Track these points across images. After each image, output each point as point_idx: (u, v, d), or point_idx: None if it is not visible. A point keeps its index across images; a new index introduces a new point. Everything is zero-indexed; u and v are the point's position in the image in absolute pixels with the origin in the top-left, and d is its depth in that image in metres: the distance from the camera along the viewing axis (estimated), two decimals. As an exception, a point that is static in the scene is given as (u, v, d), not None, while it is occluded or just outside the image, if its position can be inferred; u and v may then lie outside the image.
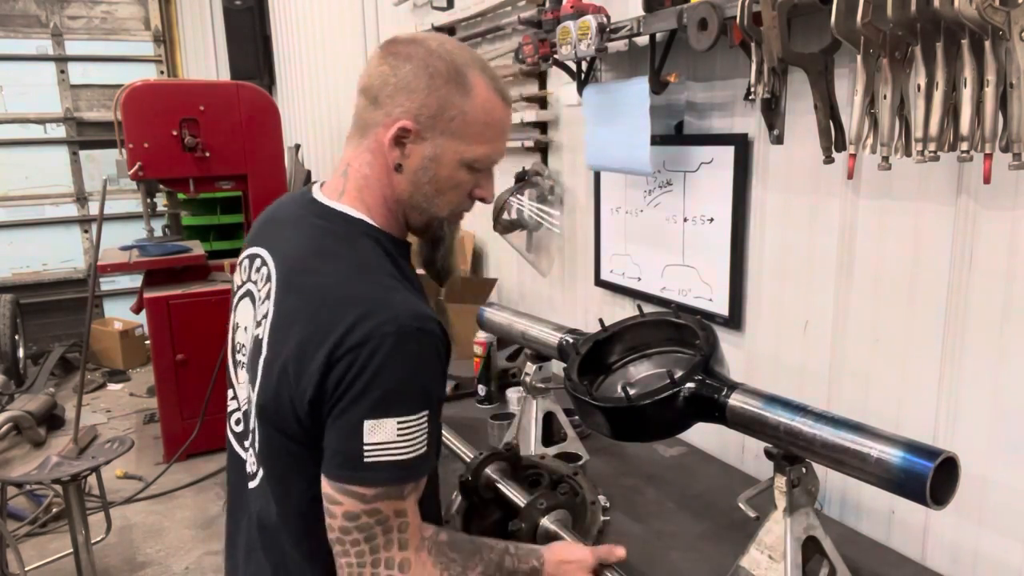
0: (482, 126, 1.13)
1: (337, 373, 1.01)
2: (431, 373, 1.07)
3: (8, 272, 6.86)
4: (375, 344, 1.00)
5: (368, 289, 1.06)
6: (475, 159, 1.15)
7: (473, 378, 2.50)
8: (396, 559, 1.06)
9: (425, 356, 1.05)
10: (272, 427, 1.12)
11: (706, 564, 1.52)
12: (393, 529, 1.06)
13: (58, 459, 3.13)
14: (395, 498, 1.05)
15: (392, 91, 1.11)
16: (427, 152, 1.12)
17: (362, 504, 1.03)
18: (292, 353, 1.05)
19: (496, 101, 1.15)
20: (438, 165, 1.13)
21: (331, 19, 5.30)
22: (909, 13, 1.16)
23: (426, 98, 1.10)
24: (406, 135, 1.11)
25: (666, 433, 1.72)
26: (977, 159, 1.17)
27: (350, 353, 1.00)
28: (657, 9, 1.82)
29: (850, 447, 1.15)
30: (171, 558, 3.50)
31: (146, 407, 5.38)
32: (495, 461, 1.56)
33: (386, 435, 1.01)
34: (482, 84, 1.13)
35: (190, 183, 4.32)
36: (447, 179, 1.15)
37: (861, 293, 1.64)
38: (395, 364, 1.01)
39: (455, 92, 1.10)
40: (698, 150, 2.00)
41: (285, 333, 1.08)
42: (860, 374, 1.66)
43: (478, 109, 1.12)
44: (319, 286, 1.08)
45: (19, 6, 6.80)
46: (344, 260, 1.11)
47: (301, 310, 1.07)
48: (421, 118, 1.10)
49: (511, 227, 2.75)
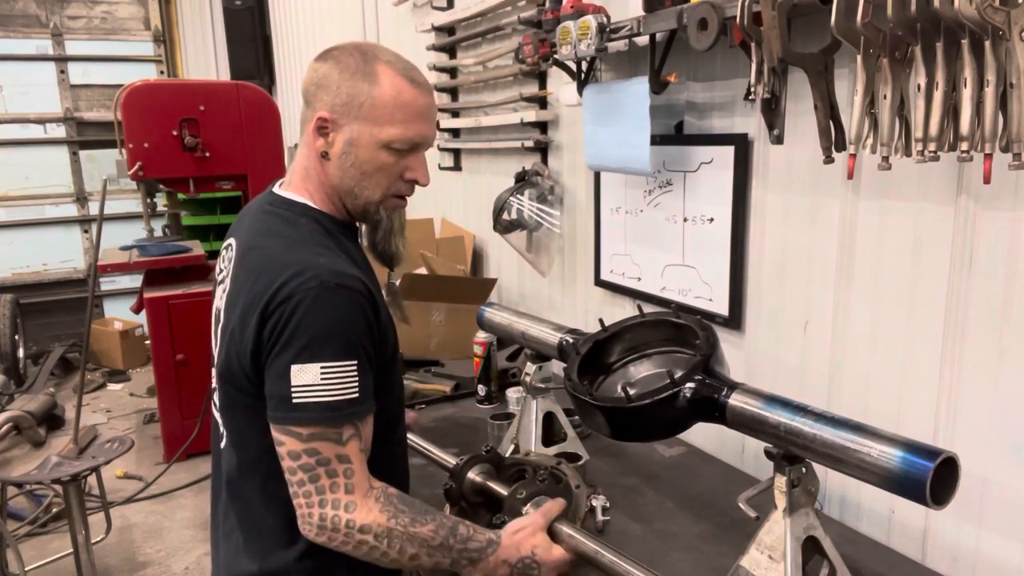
0: (391, 108, 1.24)
1: (269, 325, 1.15)
2: (353, 324, 1.18)
3: (8, 272, 6.87)
4: (299, 297, 1.14)
5: (299, 256, 1.20)
6: (390, 139, 1.25)
7: (473, 378, 2.50)
8: (342, 500, 1.16)
9: (346, 307, 1.17)
10: (229, 385, 1.26)
11: (706, 564, 1.52)
12: (338, 474, 1.16)
13: (58, 459, 3.13)
14: (332, 441, 1.15)
15: (315, 89, 1.27)
16: (345, 137, 1.26)
17: (300, 443, 1.15)
18: (238, 315, 1.21)
19: (404, 85, 1.25)
20: (357, 148, 1.26)
21: (331, 19, 5.30)
22: (909, 13, 1.16)
23: (338, 90, 1.24)
24: (326, 124, 1.26)
25: (666, 433, 1.72)
26: (977, 159, 1.17)
27: (280, 307, 1.15)
28: (657, 9, 1.82)
29: (850, 447, 1.15)
30: (171, 558, 3.50)
31: (146, 407, 5.38)
32: (477, 464, 1.55)
33: (311, 378, 1.13)
34: (388, 72, 1.25)
35: (190, 183, 4.32)
36: (368, 161, 1.27)
37: (861, 293, 1.64)
38: (317, 314, 1.14)
39: (362, 81, 1.24)
40: (698, 150, 2.00)
41: (235, 300, 1.24)
42: (860, 374, 1.66)
43: (386, 93, 1.24)
44: (261, 258, 1.24)
45: (19, 6, 6.80)
46: (283, 236, 1.26)
47: (246, 279, 1.23)
48: (336, 108, 1.25)
49: (511, 227, 2.75)
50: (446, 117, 3.50)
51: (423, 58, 3.63)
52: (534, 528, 1.33)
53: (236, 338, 1.21)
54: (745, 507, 1.29)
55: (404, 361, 2.79)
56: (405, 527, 1.20)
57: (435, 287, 2.98)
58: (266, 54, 7.06)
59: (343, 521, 1.16)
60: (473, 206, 3.53)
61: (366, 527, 1.17)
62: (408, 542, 1.20)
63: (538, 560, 1.30)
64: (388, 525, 1.18)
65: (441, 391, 2.60)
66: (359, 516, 1.17)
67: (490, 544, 1.28)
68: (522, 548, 1.30)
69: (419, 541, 1.21)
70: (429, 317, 2.96)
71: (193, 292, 4.23)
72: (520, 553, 1.29)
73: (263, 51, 7.02)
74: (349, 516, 1.16)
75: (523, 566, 1.29)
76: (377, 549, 1.18)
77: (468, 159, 3.53)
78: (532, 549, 1.30)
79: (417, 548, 1.21)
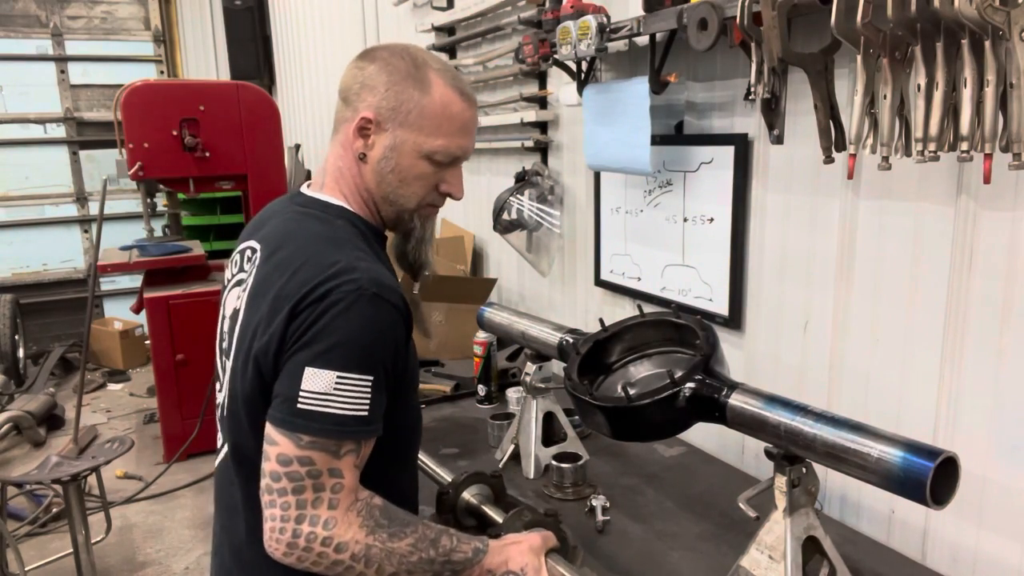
0: (439, 119, 1.21)
1: (296, 323, 1.09)
2: (381, 339, 1.11)
3: (8, 272, 6.87)
4: (333, 299, 1.08)
5: (337, 255, 1.13)
6: (433, 150, 1.22)
7: (473, 378, 2.50)
8: (322, 517, 1.08)
9: (378, 320, 1.11)
10: (240, 387, 1.16)
11: (706, 564, 1.52)
12: (325, 488, 1.08)
13: (58, 459, 3.13)
14: (329, 453, 1.08)
15: (359, 89, 1.22)
16: (387, 142, 1.21)
17: (296, 449, 1.07)
18: (265, 312, 1.13)
19: (453, 97, 1.22)
20: (399, 155, 1.22)
21: (331, 19, 5.30)
22: (909, 13, 1.16)
23: (386, 93, 1.19)
24: (368, 126, 1.21)
25: (666, 433, 1.72)
26: (977, 159, 1.17)
27: (310, 306, 1.08)
28: (657, 9, 1.82)
29: (850, 447, 1.15)
30: (171, 558, 3.50)
31: (146, 407, 5.38)
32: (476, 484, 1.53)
33: (323, 385, 1.06)
34: (439, 81, 1.21)
35: (190, 183, 4.32)
36: (408, 168, 1.23)
37: (861, 293, 1.64)
38: (346, 320, 1.08)
39: (413, 87, 1.19)
40: (698, 150, 2.00)
41: (262, 298, 1.15)
42: (860, 374, 1.66)
43: (435, 103, 1.20)
44: (297, 255, 1.16)
45: (19, 6, 6.80)
46: (319, 234, 1.19)
47: (279, 276, 1.15)
48: (382, 111, 1.20)
49: (511, 227, 2.75)
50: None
51: (423, 58, 3.64)
52: (530, 546, 1.26)
53: (259, 337, 1.13)
54: (745, 507, 1.29)
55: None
56: (383, 543, 1.12)
57: (435, 287, 2.98)
58: (266, 54, 7.06)
59: (319, 538, 1.07)
60: (473, 206, 3.53)
61: (343, 545, 1.09)
62: (386, 559, 1.12)
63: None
64: (366, 542, 1.10)
65: (441, 391, 2.60)
66: (337, 533, 1.08)
67: (476, 553, 1.21)
68: (512, 562, 1.23)
69: (398, 558, 1.13)
70: (429, 317, 2.96)
71: (193, 292, 4.23)
72: (509, 567, 1.23)
73: (263, 51, 7.02)
74: (327, 533, 1.08)
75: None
76: (353, 570, 1.10)
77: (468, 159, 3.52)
78: (522, 567, 1.23)
79: (396, 566, 1.13)
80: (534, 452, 1.89)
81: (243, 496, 1.21)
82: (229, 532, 1.28)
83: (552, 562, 1.29)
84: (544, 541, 1.30)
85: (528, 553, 1.25)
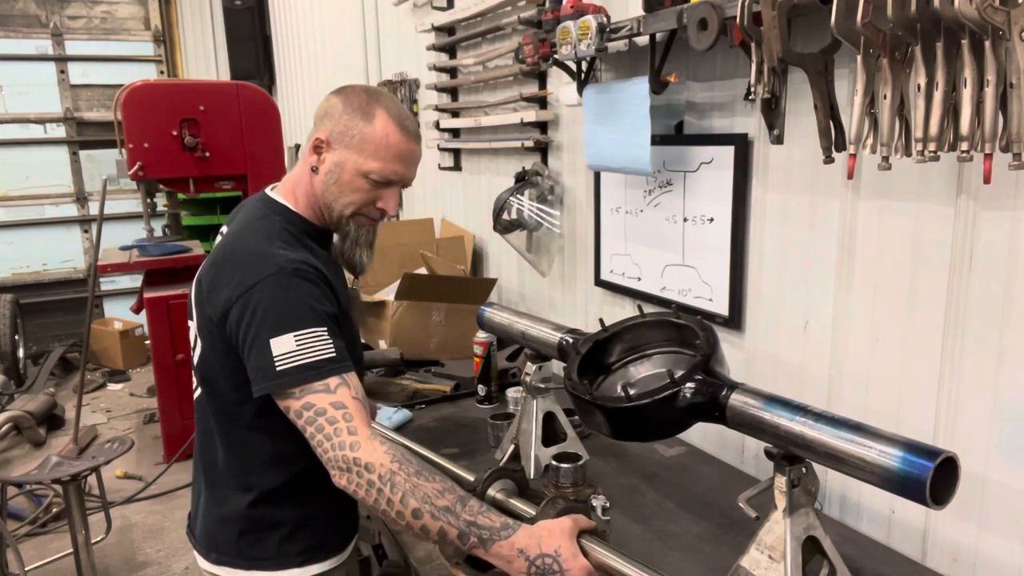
0: (376, 146, 1.43)
1: (236, 312, 1.32)
2: (314, 296, 1.34)
3: (8, 272, 6.87)
4: (261, 285, 1.31)
5: (258, 248, 1.39)
6: (369, 171, 1.44)
7: (473, 378, 2.50)
8: (347, 441, 1.24)
9: (303, 285, 1.33)
10: (204, 339, 1.44)
11: (706, 564, 1.52)
12: (337, 419, 1.25)
13: (58, 459, 3.13)
14: (323, 392, 1.27)
15: (322, 115, 1.48)
16: (334, 159, 1.46)
17: (296, 401, 1.28)
18: (207, 280, 1.42)
19: (393, 129, 1.44)
20: (341, 170, 1.45)
21: (331, 19, 5.30)
22: (909, 13, 1.16)
23: (338, 119, 1.45)
24: (321, 145, 1.46)
25: (666, 433, 1.72)
26: (977, 159, 1.17)
27: (243, 296, 1.32)
28: (657, 9, 1.82)
29: (850, 447, 1.15)
30: (171, 558, 3.50)
31: (146, 407, 5.38)
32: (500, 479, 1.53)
33: (288, 346, 1.27)
34: (384, 116, 1.44)
35: (190, 183, 4.32)
36: (348, 183, 1.46)
37: (861, 293, 1.64)
38: (279, 294, 1.31)
39: (360, 118, 1.44)
40: (698, 150, 2.00)
41: (208, 269, 1.45)
42: (860, 374, 1.66)
43: (377, 132, 1.43)
44: (232, 241, 1.47)
45: (19, 6, 6.80)
46: (253, 228, 1.46)
47: (218, 256, 1.45)
48: (333, 134, 1.45)
49: (511, 227, 2.75)
50: (446, 117, 3.50)
51: (423, 58, 3.64)
52: (562, 530, 1.23)
53: (204, 295, 1.41)
54: (745, 507, 1.28)
55: (404, 361, 2.79)
56: (409, 475, 1.21)
57: (435, 287, 2.98)
58: (266, 54, 7.06)
59: (350, 459, 1.22)
60: (473, 206, 3.53)
61: (371, 465, 1.21)
62: (411, 493, 1.20)
63: (561, 562, 1.20)
64: (391, 467, 1.21)
65: (441, 391, 2.60)
66: (363, 454, 1.22)
67: (505, 527, 1.21)
68: (544, 545, 1.20)
69: (423, 495, 1.20)
70: (429, 317, 2.96)
71: (193, 292, 4.23)
72: (542, 549, 1.20)
73: (263, 51, 7.02)
74: (355, 454, 1.22)
75: (543, 564, 1.19)
76: (382, 493, 1.20)
77: (468, 159, 3.53)
78: (556, 550, 1.20)
79: (420, 502, 1.19)
80: (534, 452, 1.89)
81: (215, 420, 1.47)
82: (205, 454, 1.52)
83: (588, 543, 1.25)
84: (575, 523, 1.27)
85: (561, 536, 1.22)
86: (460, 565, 1.42)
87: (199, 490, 1.58)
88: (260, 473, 1.46)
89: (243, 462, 1.46)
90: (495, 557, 1.21)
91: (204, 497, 1.55)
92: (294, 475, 1.46)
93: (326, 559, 1.52)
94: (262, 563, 1.47)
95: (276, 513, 1.47)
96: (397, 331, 2.93)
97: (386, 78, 4.28)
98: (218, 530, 1.51)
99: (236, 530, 1.47)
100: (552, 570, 1.20)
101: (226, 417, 1.46)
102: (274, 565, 1.47)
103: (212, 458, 1.51)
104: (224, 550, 1.50)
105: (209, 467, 1.52)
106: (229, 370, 1.39)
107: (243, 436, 1.45)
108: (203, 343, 1.45)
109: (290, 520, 1.47)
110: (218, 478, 1.50)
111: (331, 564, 1.53)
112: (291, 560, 1.48)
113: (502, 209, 2.71)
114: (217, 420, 1.48)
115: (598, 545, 1.25)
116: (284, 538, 1.47)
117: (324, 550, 1.52)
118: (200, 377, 1.50)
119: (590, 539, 1.26)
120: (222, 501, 1.50)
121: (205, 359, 1.46)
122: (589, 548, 1.25)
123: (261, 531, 1.47)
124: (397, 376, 2.71)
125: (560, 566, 1.20)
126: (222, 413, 1.46)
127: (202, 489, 1.56)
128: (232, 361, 1.37)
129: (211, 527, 1.52)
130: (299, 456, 1.39)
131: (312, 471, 1.41)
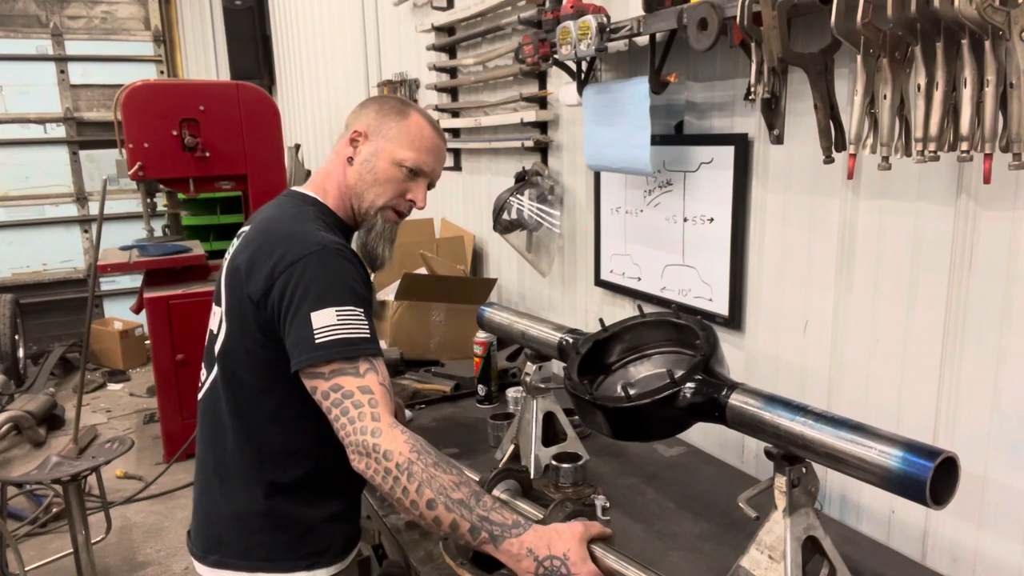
0: (411, 137, 1.55)
1: (279, 286, 1.35)
2: (355, 276, 1.39)
3: (8, 272, 6.87)
4: (305, 260, 1.35)
5: (299, 228, 1.44)
6: (403, 159, 1.54)
7: (473, 378, 2.50)
8: (369, 427, 1.26)
9: (346, 265, 1.38)
10: (234, 322, 1.44)
11: (706, 564, 1.52)
12: (363, 404, 1.28)
13: (58, 459, 3.13)
14: (352, 375, 1.30)
15: (355, 118, 1.60)
16: (370, 149, 1.55)
17: (325, 382, 1.30)
18: (245, 260, 1.42)
19: (425, 124, 1.58)
20: (376, 159, 1.55)
21: (331, 19, 5.30)
22: (909, 13, 1.16)
23: (375, 117, 1.57)
24: (358, 136, 1.56)
25: (666, 433, 1.72)
26: (977, 159, 1.17)
27: (287, 270, 1.35)
28: (657, 9, 1.82)
29: (850, 447, 1.15)
30: (171, 558, 3.50)
31: (146, 407, 5.38)
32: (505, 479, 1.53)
33: (329, 319, 1.31)
34: (416, 115, 1.58)
35: (190, 183, 4.32)
36: (382, 171, 1.55)
37: (861, 293, 1.64)
38: (323, 270, 1.35)
39: (395, 116, 1.56)
40: (698, 150, 2.00)
41: (243, 250, 1.46)
42: (860, 374, 1.66)
43: (411, 125, 1.56)
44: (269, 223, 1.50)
45: (19, 6, 6.80)
46: (288, 214, 1.52)
47: (255, 237, 1.47)
48: (370, 127, 1.56)
49: (511, 227, 2.75)
50: (446, 117, 3.50)
51: (423, 58, 3.64)
52: (573, 534, 1.24)
53: (242, 279, 1.41)
54: (745, 507, 1.28)
55: (404, 361, 2.79)
56: (427, 465, 1.23)
57: (435, 287, 2.98)
58: (266, 54, 7.06)
59: (371, 445, 1.24)
60: (473, 206, 3.53)
61: (389, 453, 1.23)
62: (427, 484, 1.22)
63: (570, 566, 1.21)
64: (410, 457, 1.23)
65: (441, 391, 2.60)
66: (384, 441, 1.24)
67: (516, 525, 1.22)
68: (554, 547, 1.21)
69: (439, 486, 1.22)
70: (429, 317, 2.96)
71: (193, 292, 4.24)
72: (551, 551, 1.21)
73: (263, 51, 7.02)
74: (376, 440, 1.24)
75: (551, 566, 1.20)
76: (399, 481, 1.22)
77: (468, 159, 3.53)
78: (565, 553, 1.21)
79: (435, 493, 1.21)
80: (534, 452, 1.89)
81: (230, 410, 1.46)
82: (214, 448, 1.51)
83: (598, 549, 1.26)
84: (587, 528, 1.28)
85: (571, 539, 1.24)
86: (465, 565, 1.43)
87: (204, 488, 1.56)
88: (273, 467, 1.45)
89: (257, 454, 1.45)
90: (504, 554, 1.22)
91: (211, 494, 1.53)
92: (308, 471, 1.47)
93: (332, 563, 1.51)
94: (269, 563, 1.47)
95: (290, 511, 1.46)
96: (397, 331, 2.93)
97: (386, 78, 4.27)
98: (227, 527, 1.49)
99: (248, 527, 1.46)
100: (560, 572, 1.21)
101: (243, 407, 1.45)
102: (282, 567, 1.47)
103: (222, 452, 1.49)
104: (229, 550, 1.48)
105: (219, 462, 1.50)
106: (254, 355, 1.41)
107: (258, 427, 1.45)
108: (229, 326, 1.45)
109: (302, 520, 1.47)
110: (229, 472, 1.49)
111: (336, 569, 1.52)
112: (299, 563, 1.47)
113: (502, 209, 2.71)
114: (232, 410, 1.46)
115: (608, 551, 1.26)
116: (294, 539, 1.47)
117: (331, 554, 1.51)
118: (221, 365, 1.48)
119: (600, 545, 1.27)
120: (234, 496, 1.48)
121: (228, 345, 1.45)
122: (599, 554, 1.25)
123: (274, 530, 1.46)
124: (397, 376, 2.72)
125: (568, 569, 1.21)
126: (240, 402, 1.46)
127: (208, 486, 1.54)
128: (258, 346, 1.40)
129: (218, 525, 1.50)
130: (313, 452, 1.45)
131: (325, 469, 1.45)
